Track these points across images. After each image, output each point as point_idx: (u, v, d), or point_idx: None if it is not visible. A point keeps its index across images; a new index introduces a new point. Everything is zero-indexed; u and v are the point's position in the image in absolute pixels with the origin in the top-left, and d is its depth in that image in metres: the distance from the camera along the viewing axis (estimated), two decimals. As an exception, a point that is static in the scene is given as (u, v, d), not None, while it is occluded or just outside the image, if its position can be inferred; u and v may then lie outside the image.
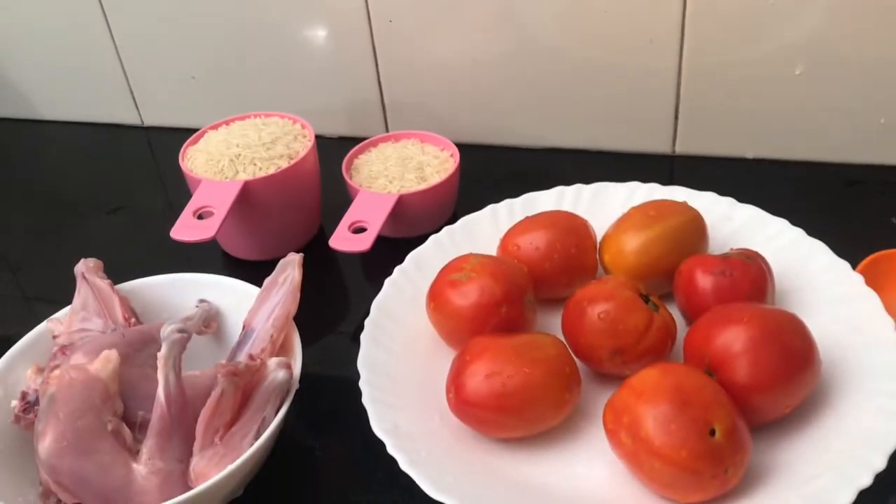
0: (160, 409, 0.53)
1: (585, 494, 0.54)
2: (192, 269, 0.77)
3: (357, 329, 0.70)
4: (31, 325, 0.76)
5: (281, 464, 0.58)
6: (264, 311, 0.60)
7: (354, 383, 0.60)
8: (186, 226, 0.68)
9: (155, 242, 0.83)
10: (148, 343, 0.59)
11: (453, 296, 0.60)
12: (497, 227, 0.72)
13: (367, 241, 0.69)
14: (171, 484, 0.53)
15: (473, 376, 0.55)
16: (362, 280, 0.78)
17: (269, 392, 0.54)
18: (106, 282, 0.62)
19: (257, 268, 0.76)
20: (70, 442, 0.52)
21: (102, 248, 0.82)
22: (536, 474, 0.55)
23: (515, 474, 0.55)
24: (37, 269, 0.83)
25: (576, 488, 0.54)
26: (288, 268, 0.61)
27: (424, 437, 0.56)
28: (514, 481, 0.55)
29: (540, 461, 0.56)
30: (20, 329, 0.67)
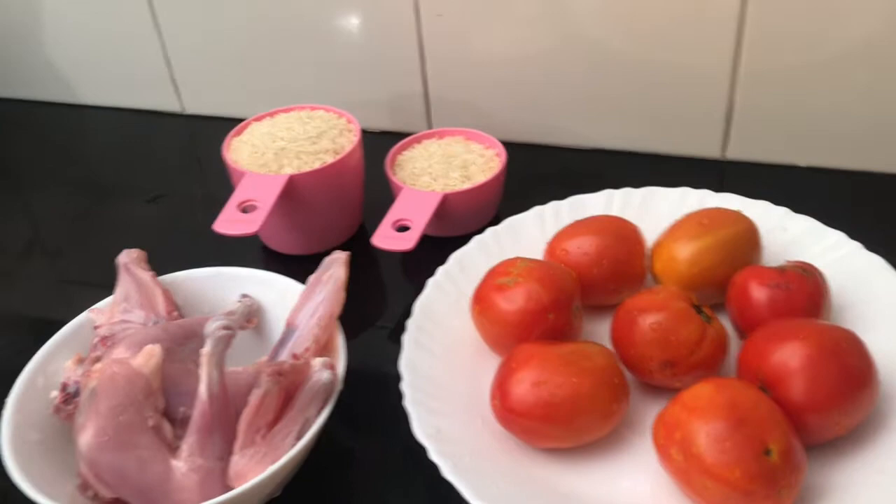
0: (202, 407, 0.52)
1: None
2: (230, 261, 0.76)
3: (396, 327, 0.70)
4: (66, 310, 0.76)
5: (318, 464, 0.57)
6: (308, 309, 0.59)
7: (393, 383, 0.59)
8: (230, 219, 0.67)
9: (193, 233, 0.83)
10: (190, 338, 0.58)
11: (499, 300, 0.59)
12: (543, 230, 0.70)
13: (410, 240, 0.68)
14: (210, 482, 0.52)
15: (519, 384, 0.54)
16: (401, 278, 0.77)
17: (313, 393, 0.53)
18: (149, 273, 0.62)
19: (297, 262, 0.76)
20: (111, 437, 0.51)
21: (140, 235, 0.83)
22: (581, 486, 0.54)
23: (559, 485, 0.54)
24: (73, 254, 0.83)
25: (621, 502, 0.53)
26: (333, 266, 0.60)
27: (467, 443, 0.55)
28: (557, 492, 0.53)
29: (585, 472, 0.55)
30: (56, 313, 0.67)
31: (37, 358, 0.59)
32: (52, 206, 0.90)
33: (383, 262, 0.78)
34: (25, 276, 0.81)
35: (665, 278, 0.63)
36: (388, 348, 0.67)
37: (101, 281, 0.66)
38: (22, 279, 0.81)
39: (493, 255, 0.68)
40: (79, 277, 0.80)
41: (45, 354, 0.59)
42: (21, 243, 0.85)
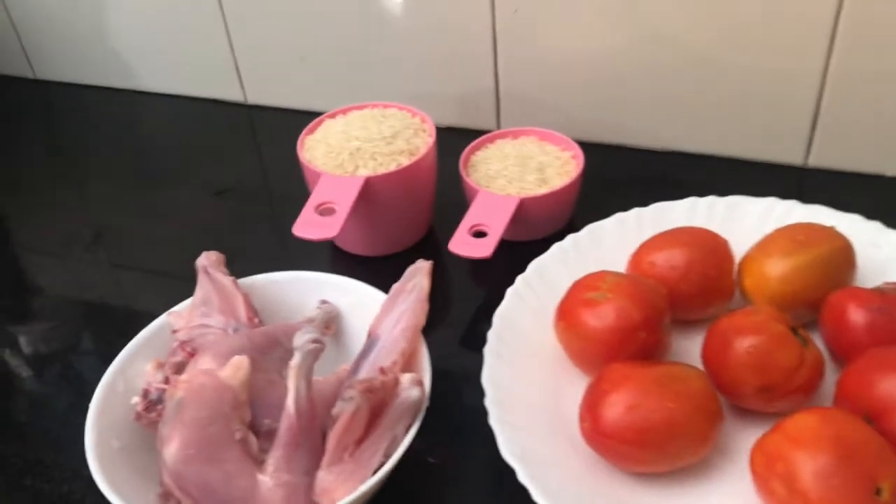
0: (289, 421, 0.51)
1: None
2: (298, 261, 0.75)
3: (466, 333, 0.68)
4: (115, 292, 0.75)
5: (399, 478, 0.56)
6: (390, 319, 0.57)
7: (470, 394, 0.58)
8: (309, 222, 0.66)
9: (261, 231, 0.82)
10: (273, 346, 0.57)
11: (588, 317, 0.57)
12: (624, 238, 0.68)
13: (488, 247, 0.66)
14: (295, 498, 0.51)
15: (612, 407, 0.52)
16: (469, 281, 0.75)
17: (402, 410, 0.52)
18: (229, 278, 0.61)
19: (367, 264, 0.75)
20: (197, 450, 0.50)
21: (204, 230, 0.82)
22: (670, 512, 0.52)
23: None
24: (125, 240, 0.82)
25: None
26: (417, 275, 0.59)
27: (555, 464, 0.54)
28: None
29: (675, 498, 0.53)
30: (105, 294, 0.69)
31: (117, 362, 0.58)
32: (112, 194, 0.89)
33: (451, 264, 0.76)
34: (84, 263, 0.80)
35: (755, 296, 0.61)
36: (459, 355, 0.66)
37: (163, 270, 0.64)
38: (81, 266, 0.80)
39: (573, 264, 0.67)
40: (128, 262, 0.80)
41: (124, 358, 0.59)
42: (79, 230, 0.84)
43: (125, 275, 0.79)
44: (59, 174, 0.95)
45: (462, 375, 0.61)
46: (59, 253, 0.82)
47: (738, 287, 0.63)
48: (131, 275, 0.79)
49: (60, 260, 0.81)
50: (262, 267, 0.75)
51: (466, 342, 0.68)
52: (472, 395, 0.60)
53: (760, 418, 0.55)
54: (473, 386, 0.60)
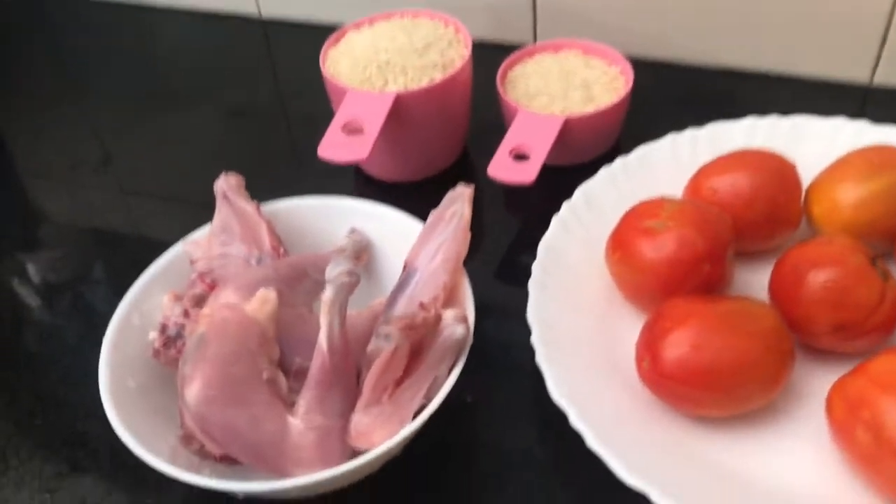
0: (321, 359, 0.47)
1: (791, 487, 0.47)
2: (324, 187, 0.70)
3: (503, 267, 0.63)
4: (126, 220, 0.70)
5: (435, 422, 0.52)
6: (428, 249, 0.52)
7: (510, 328, 0.54)
8: (335, 144, 0.60)
9: (279, 153, 0.77)
10: (301, 279, 0.52)
11: (646, 247, 0.52)
12: (677, 162, 0.63)
13: (531, 171, 0.61)
14: (329, 441, 0.47)
15: (676, 347, 0.47)
16: (502, 209, 0.70)
17: (445, 349, 0.47)
18: (251, 203, 0.56)
19: (396, 190, 0.70)
20: (222, 390, 0.46)
21: (220, 153, 0.76)
22: (733, 458, 0.48)
23: (710, 456, 0.48)
24: (135, 164, 0.77)
25: (779, 478, 0.47)
26: (456, 202, 0.53)
27: (609, 407, 0.50)
28: (708, 464, 0.48)
29: (738, 444, 0.49)
30: (123, 226, 0.65)
31: (131, 294, 0.54)
32: (121, 116, 0.83)
33: (485, 190, 0.71)
34: (93, 189, 0.75)
35: (825, 225, 0.56)
36: (497, 288, 0.61)
37: (176, 195, 0.59)
38: (89, 192, 0.75)
39: (624, 190, 0.61)
40: (138, 187, 0.75)
41: (139, 290, 0.54)
42: (86, 155, 0.79)
43: (136, 201, 0.74)
44: (64, 96, 0.89)
45: (501, 310, 0.56)
46: (67, 178, 0.77)
47: (804, 215, 0.57)
48: (143, 201, 0.73)
49: (68, 186, 0.76)
50: (282, 194, 0.70)
51: (504, 275, 0.63)
52: (513, 332, 0.55)
53: (833, 359, 0.51)
54: (515, 322, 0.56)
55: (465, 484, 0.50)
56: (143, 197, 0.74)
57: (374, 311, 0.53)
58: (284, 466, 0.47)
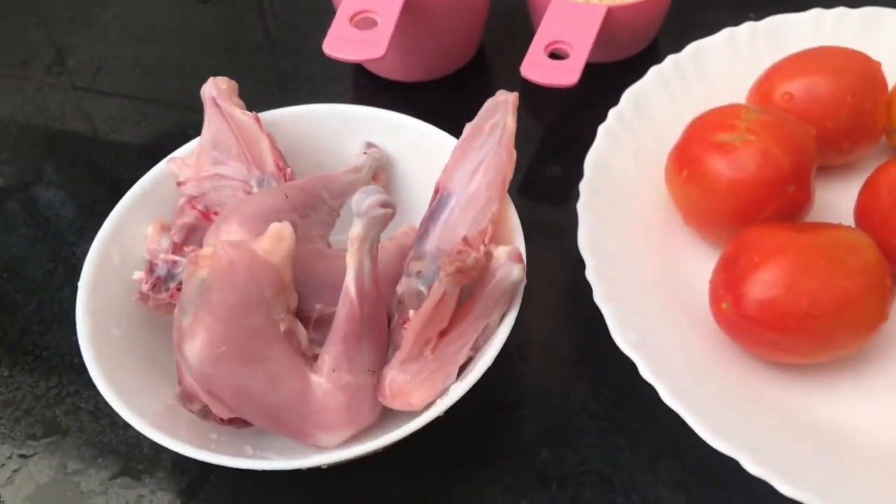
0: (349, 308, 0.39)
1: (889, 444, 0.41)
2: (320, 91, 0.61)
3: (532, 184, 0.55)
4: (81, 121, 0.60)
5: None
6: (465, 170, 0.44)
7: (552, 265, 0.46)
8: (343, 38, 0.50)
9: (264, 50, 0.66)
10: (315, 206, 0.44)
11: (721, 165, 0.45)
12: (735, 59, 0.55)
13: (572, 71, 0.52)
14: (358, 401, 0.40)
15: (766, 286, 0.41)
16: (526, 117, 0.61)
17: (499, 294, 0.40)
18: (249, 114, 0.46)
19: (400, 92, 0.60)
20: (231, 346, 0.38)
21: (192, 48, 0.66)
22: (822, 410, 0.42)
23: (800, 411, 0.42)
24: (94, 61, 0.66)
25: (874, 430, 0.41)
26: (497, 112, 0.45)
27: (678, 354, 0.43)
28: (797, 419, 0.42)
29: (826, 394, 0.43)
30: (72, 123, 0.56)
31: (108, 225, 0.45)
32: (73, 4, 0.71)
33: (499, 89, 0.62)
34: (47, 88, 0.64)
35: (912, 136, 0.48)
36: (532, 210, 0.53)
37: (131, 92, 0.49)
38: (32, 86, 0.64)
39: (677, 94, 0.53)
40: (91, 83, 0.64)
41: (117, 219, 0.45)
42: (29, 45, 0.67)
43: (98, 104, 0.63)
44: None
45: (540, 240, 0.48)
46: (17, 76, 0.66)
47: (892, 125, 0.50)
48: (106, 103, 0.63)
49: (17, 84, 0.65)
50: (266, 98, 0.60)
51: (537, 194, 0.55)
52: (557, 264, 0.48)
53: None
54: (558, 253, 0.48)
55: (512, 447, 0.44)
56: (106, 98, 0.64)
57: (400, 242, 0.45)
58: (307, 430, 0.40)
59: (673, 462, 0.42)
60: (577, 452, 0.43)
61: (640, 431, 0.43)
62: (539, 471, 0.43)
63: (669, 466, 0.42)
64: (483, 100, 0.60)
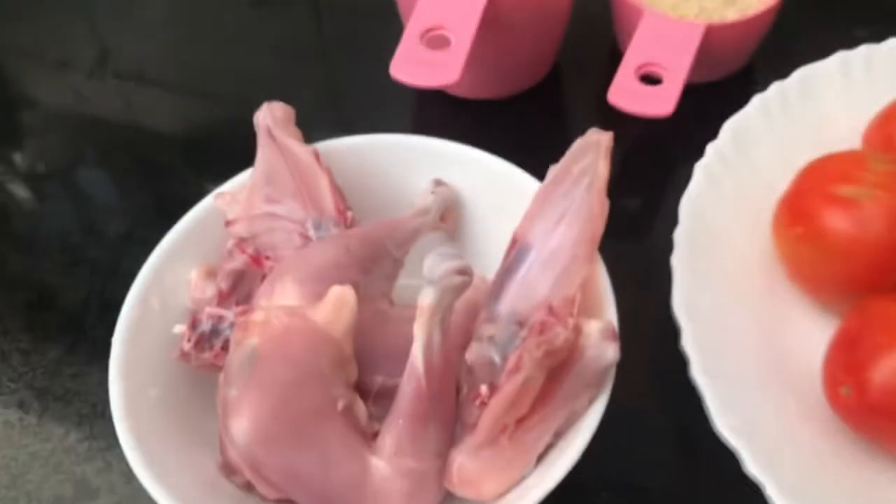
0: (416, 386, 0.34)
1: None
2: (371, 111, 0.56)
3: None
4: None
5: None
6: (548, 219, 0.39)
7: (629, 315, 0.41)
8: (414, 59, 0.45)
9: (306, 53, 0.61)
10: (379, 259, 0.39)
11: (844, 223, 0.39)
12: (848, 90, 0.49)
13: (668, 99, 0.47)
14: (423, 488, 0.35)
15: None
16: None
17: (589, 377, 0.34)
18: (307, 147, 0.41)
19: (471, 111, 0.55)
20: (283, 426, 0.33)
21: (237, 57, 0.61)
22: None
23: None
24: (125, 55, 0.61)
25: None
26: (588, 154, 0.39)
27: (785, 441, 0.38)
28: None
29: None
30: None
31: (148, 268, 0.40)
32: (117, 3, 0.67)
33: (576, 111, 0.57)
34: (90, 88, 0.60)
35: None
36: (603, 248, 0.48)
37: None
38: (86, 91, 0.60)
39: (782, 129, 0.48)
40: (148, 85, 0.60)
41: (158, 262, 0.40)
42: (75, 41, 0.63)
43: (141, 99, 0.59)
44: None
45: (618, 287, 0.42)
46: (58, 75, 0.61)
47: None
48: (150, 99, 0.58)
49: (59, 83, 0.61)
50: (319, 119, 0.55)
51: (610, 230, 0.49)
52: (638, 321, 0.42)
53: None
54: (638, 305, 0.42)
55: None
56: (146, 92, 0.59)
57: (469, 299, 0.40)
58: (362, 515, 0.35)
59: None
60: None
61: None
62: (621, 567, 0.38)
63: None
64: (560, 122, 0.55)
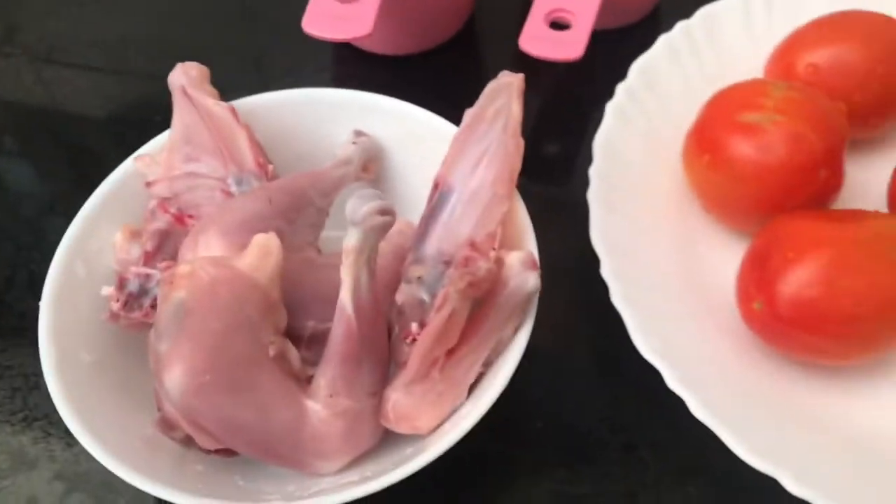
0: (346, 327, 0.35)
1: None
2: (290, 68, 0.56)
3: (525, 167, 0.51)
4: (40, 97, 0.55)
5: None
6: (467, 162, 0.40)
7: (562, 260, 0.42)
8: (326, 13, 0.45)
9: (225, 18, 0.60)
10: (302, 209, 0.39)
11: (748, 149, 0.41)
12: (749, 26, 0.51)
13: (576, 43, 0.47)
14: (359, 427, 0.36)
15: (804, 286, 0.37)
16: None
17: (513, 305, 0.36)
18: (224, 105, 0.41)
19: (389, 66, 0.55)
20: (216, 376, 0.34)
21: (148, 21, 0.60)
22: (866, 417, 0.39)
23: (839, 417, 0.39)
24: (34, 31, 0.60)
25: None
26: (501, 96, 0.40)
27: (708, 360, 0.39)
28: (837, 427, 0.38)
29: (871, 399, 0.39)
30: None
31: (71, 233, 0.40)
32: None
33: (493, 63, 0.58)
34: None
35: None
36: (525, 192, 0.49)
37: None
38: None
39: (686, 65, 0.49)
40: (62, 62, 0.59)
41: (80, 227, 0.40)
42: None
43: (56, 77, 0.58)
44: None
45: (543, 228, 0.43)
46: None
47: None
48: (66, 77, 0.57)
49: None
50: (241, 81, 0.55)
51: (533, 175, 0.51)
52: (563, 257, 0.43)
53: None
54: (563, 242, 0.44)
55: (524, 467, 0.40)
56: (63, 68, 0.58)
57: (397, 243, 0.41)
58: (302, 459, 0.36)
59: (703, 478, 0.39)
60: (598, 469, 0.40)
61: (666, 445, 0.40)
62: (556, 491, 0.39)
63: (699, 483, 0.39)
64: (478, 73, 0.56)
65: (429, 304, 0.37)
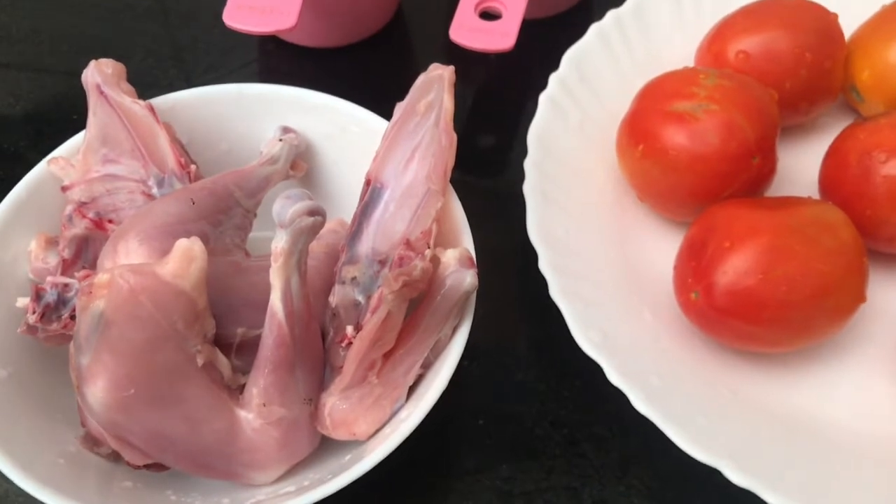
0: (278, 333, 0.33)
1: (867, 431, 0.39)
2: (203, 64, 0.54)
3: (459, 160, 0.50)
4: None
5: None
6: (399, 157, 0.39)
7: (501, 256, 0.42)
8: (248, 6, 0.44)
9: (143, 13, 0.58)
10: (228, 210, 0.38)
11: (682, 139, 0.40)
12: (680, 13, 0.51)
13: (508, 33, 0.47)
14: (294, 435, 0.35)
15: (741, 275, 0.37)
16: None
17: (450, 305, 0.35)
18: (141, 102, 0.39)
19: (315, 60, 0.54)
20: (140, 389, 0.32)
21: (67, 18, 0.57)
22: (803, 402, 0.39)
23: (776, 403, 0.39)
24: None
25: (852, 419, 0.39)
26: (432, 89, 0.39)
27: (647, 353, 0.39)
28: (775, 413, 0.39)
29: (808, 384, 0.40)
30: None
31: (-20, 244, 0.38)
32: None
33: (422, 56, 0.56)
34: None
35: (873, 94, 0.45)
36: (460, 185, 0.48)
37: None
38: None
39: (620, 55, 0.49)
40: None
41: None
42: None
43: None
44: None
45: (479, 222, 0.42)
46: None
47: (850, 83, 0.46)
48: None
49: None
50: (162, 78, 0.53)
51: (467, 168, 0.50)
52: (500, 251, 0.43)
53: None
54: (499, 235, 0.43)
55: (468, 464, 0.39)
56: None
57: (329, 243, 0.39)
58: (236, 470, 0.35)
59: (645, 470, 0.39)
60: (541, 465, 0.39)
61: (608, 438, 0.40)
62: (500, 489, 0.39)
63: (642, 475, 0.39)
64: (408, 66, 0.55)
65: (364, 305, 0.36)
